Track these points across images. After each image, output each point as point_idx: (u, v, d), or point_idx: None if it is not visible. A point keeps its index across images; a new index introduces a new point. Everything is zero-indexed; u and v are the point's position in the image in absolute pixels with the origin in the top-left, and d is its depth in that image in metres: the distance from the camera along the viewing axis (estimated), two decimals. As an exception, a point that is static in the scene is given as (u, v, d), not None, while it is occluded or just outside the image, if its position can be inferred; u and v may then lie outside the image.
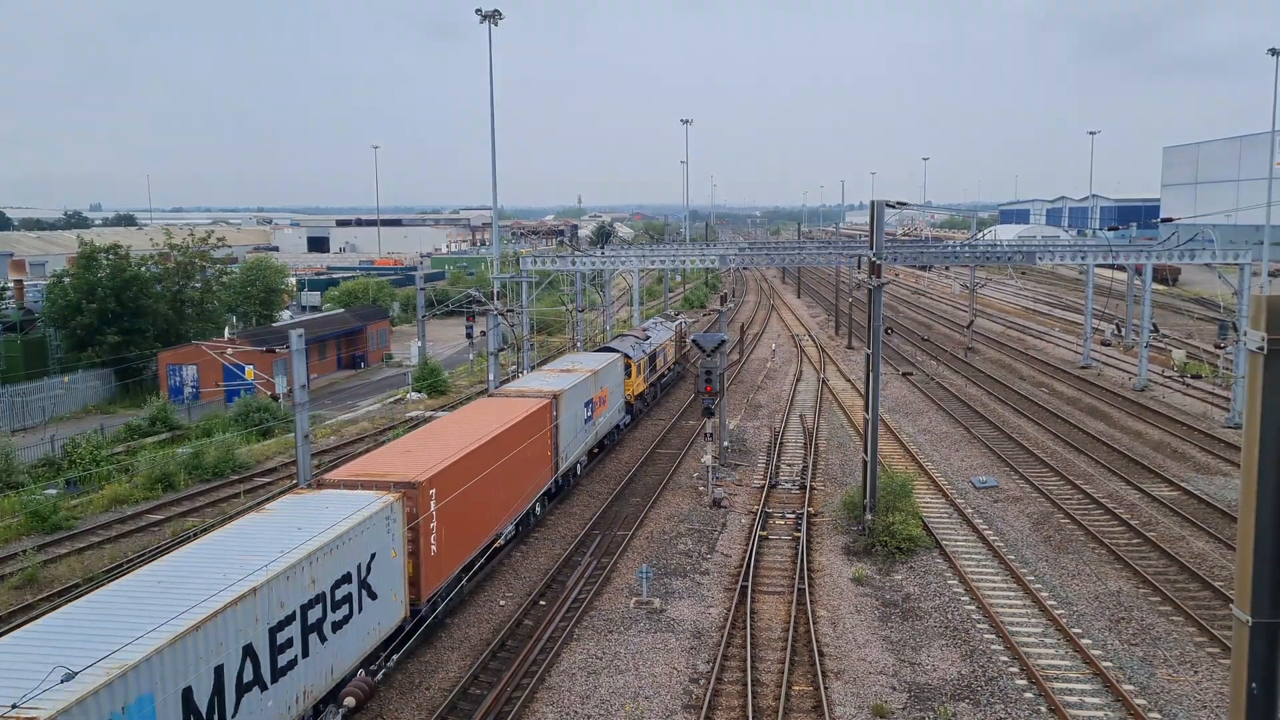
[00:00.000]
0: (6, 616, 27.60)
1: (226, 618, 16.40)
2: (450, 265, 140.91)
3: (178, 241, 69.61)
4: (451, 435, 29.17)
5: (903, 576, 30.07)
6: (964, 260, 71.95)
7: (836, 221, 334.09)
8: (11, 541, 34.26)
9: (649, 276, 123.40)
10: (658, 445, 46.67)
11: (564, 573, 30.61)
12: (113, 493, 39.13)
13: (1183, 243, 59.44)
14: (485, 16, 57.64)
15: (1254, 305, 9.12)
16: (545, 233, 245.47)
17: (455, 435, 29.07)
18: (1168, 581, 28.97)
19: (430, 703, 22.52)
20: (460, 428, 30.39)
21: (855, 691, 22.82)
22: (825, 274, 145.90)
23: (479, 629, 26.54)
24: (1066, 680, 23.25)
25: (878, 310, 32.91)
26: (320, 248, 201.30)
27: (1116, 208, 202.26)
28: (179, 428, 50.62)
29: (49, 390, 56.99)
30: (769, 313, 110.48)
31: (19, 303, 71.02)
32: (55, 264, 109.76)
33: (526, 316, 55.28)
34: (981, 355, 72.60)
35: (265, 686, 17.59)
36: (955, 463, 43.15)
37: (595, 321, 75.18)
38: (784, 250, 74.96)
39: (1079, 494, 37.84)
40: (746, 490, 39.47)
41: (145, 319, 62.29)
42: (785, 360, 73.67)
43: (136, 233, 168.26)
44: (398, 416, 54.33)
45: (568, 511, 36.78)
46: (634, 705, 22.18)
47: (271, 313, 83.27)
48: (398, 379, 67.61)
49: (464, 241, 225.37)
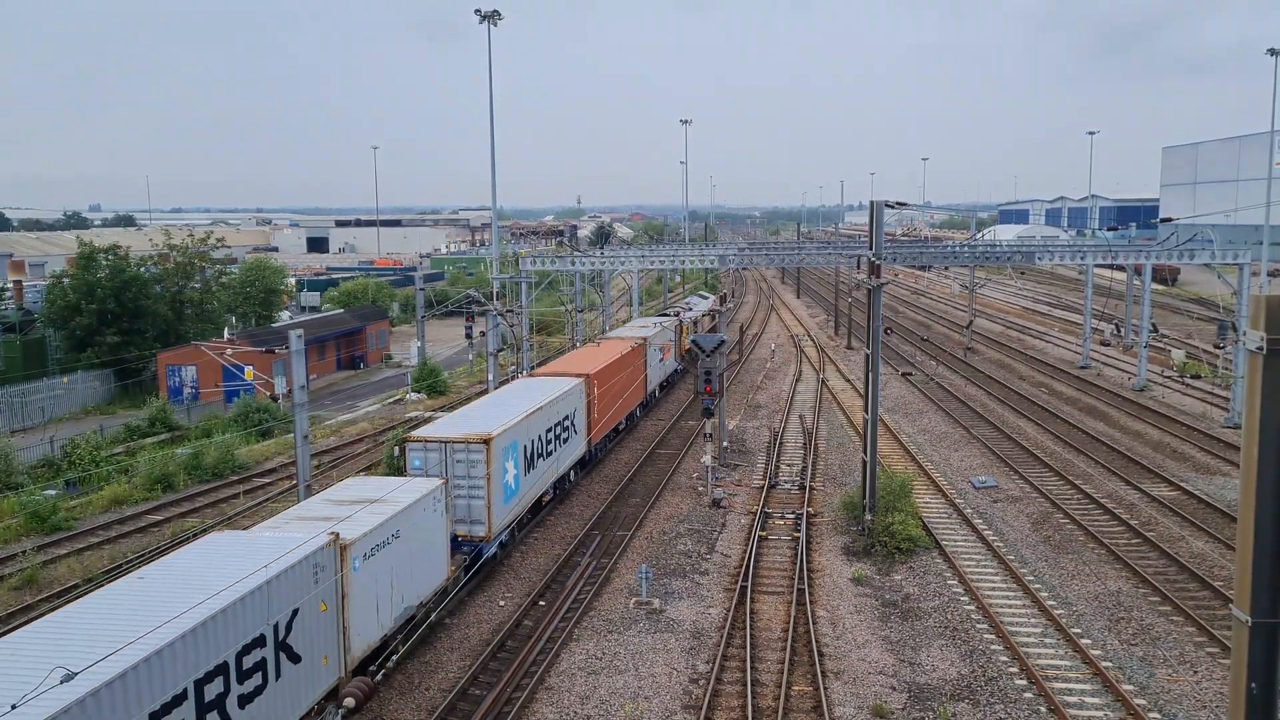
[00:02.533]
0: (6, 617, 27.60)
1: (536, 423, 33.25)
2: (449, 266, 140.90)
3: (177, 242, 69.61)
4: (596, 355, 46.16)
5: (902, 577, 30.07)
6: (963, 260, 71.93)
7: (836, 222, 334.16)
8: (11, 542, 34.25)
9: (648, 277, 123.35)
10: (657, 445, 46.67)
11: (564, 573, 30.61)
12: (112, 493, 39.14)
13: (1182, 243, 59.42)
14: (484, 17, 57.59)
15: (1253, 305, 9.13)
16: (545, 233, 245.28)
17: (598, 355, 46.12)
18: (1167, 581, 28.98)
19: (430, 703, 22.51)
20: (598, 352, 47.52)
21: (855, 692, 22.82)
22: (825, 274, 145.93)
23: (479, 629, 26.53)
24: (1066, 680, 23.26)
25: (877, 310, 32.91)
26: (319, 248, 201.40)
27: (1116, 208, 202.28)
28: (178, 428, 50.62)
29: (48, 391, 56.97)
30: (768, 313, 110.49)
31: (18, 303, 71.02)
32: (55, 265, 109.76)
33: (526, 317, 55.23)
34: (981, 355, 72.62)
35: (542, 460, 34.18)
36: (955, 463, 43.15)
37: (595, 322, 75.13)
38: (783, 250, 74.87)
39: (1078, 494, 37.84)
40: (746, 490, 39.47)
41: (145, 320, 62.29)
42: (785, 360, 73.67)
43: (136, 233, 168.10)
44: (397, 417, 54.32)
45: (567, 512, 36.79)
46: (633, 706, 22.17)
47: (271, 313, 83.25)
48: (397, 379, 67.60)
49: (463, 242, 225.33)
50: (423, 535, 24.38)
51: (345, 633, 20.62)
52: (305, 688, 19.10)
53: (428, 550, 24.78)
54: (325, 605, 19.79)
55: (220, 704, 16.44)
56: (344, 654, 20.65)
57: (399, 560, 23.00)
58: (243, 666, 17.04)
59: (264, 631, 17.64)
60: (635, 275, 75.08)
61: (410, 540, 23.56)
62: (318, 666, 19.57)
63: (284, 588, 18.19)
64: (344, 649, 20.60)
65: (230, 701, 16.69)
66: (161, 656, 14.97)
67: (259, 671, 17.52)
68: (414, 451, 29.51)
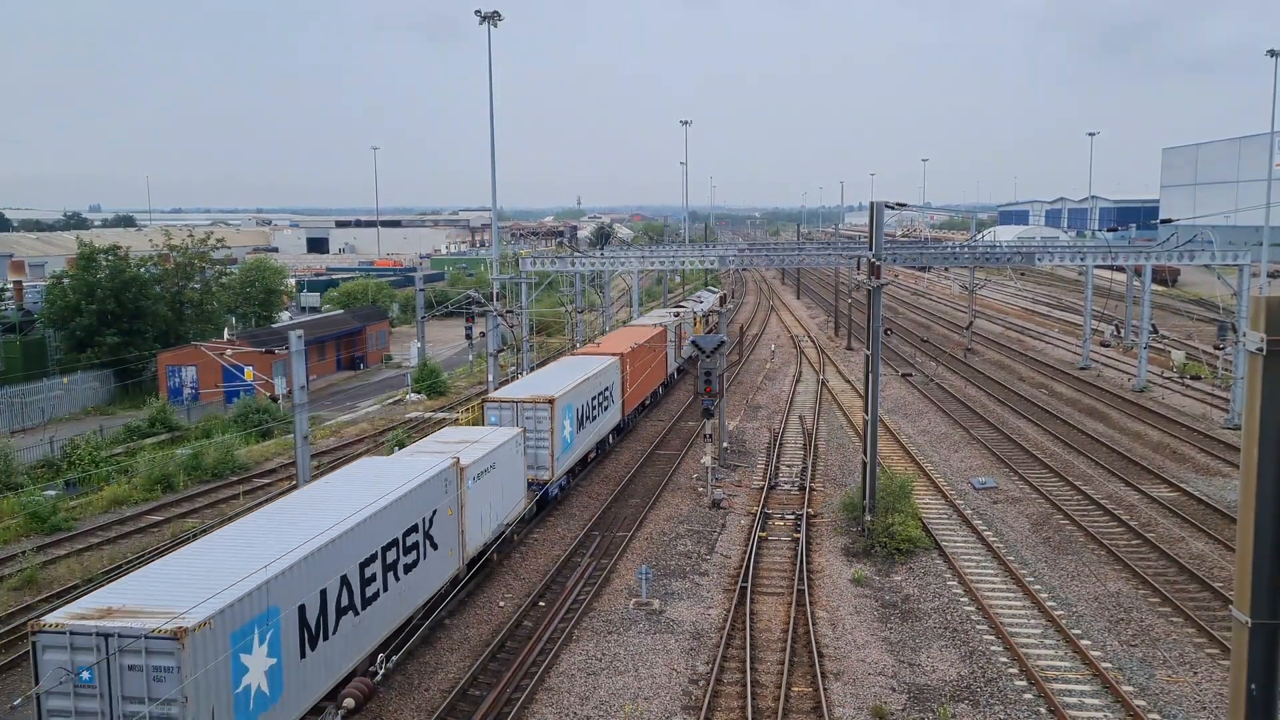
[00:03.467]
0: (5, 618, 27.60)
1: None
2: (449, 266, 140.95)
3: (177, 242, 69.63)
4: (627, 337, 52.92)
5: (902, 577, 30.07)
6: (963, 261, 71.91)
7: (836, 222, 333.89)
8: (11, 543, 34.24)
9: (648, 277, 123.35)
10: (657, 446, 46.67)
11: (563, 574, 30.60)
12: (112, 494, 39.15)
13: (1182, 244, 59.40)
14: (485, 18, 57.61)
15: (1253, 306, 9.13)
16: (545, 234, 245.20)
17: (629, 337, 52.89)
18: (1167, 582, 28.97)
19: (429, 704, 22.51)
20: (629, 334, 55.13)
21: (855, 692, 22.82)
22: (824, 275, 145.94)
23: (478, 630, 26.53)
24: (1066, 681, 23.25)
25: (877, 311, 32.91)
26: (319, 249, 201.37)
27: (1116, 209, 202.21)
28: (178, 429, 50.62)
29: (48, 391, 56.97)
30: (768, 314, 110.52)
31: (18, 304, 71.02)
32: (54, 265, 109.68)
33: (526, 317, 55.23)
34: (981, 356, 72.62)
35: (589, 422, 39.96)
36: (954, 464, 43.15)
37: (595, 323, 75.14)
38: (783, 251, 74.85)
39: (1078, 495, 37.83)
40: (746, 491, 39.47)
41: (144, 320, 62.30)
42: (784, 361, 73.68)
43: (136, 234, 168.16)
44: (397, 418, 54.31)
45: (567, 513, 36.78)
46: (633, 706, 22.17)
47: (271, 314, 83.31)
48: (397, 380, 67.60)
49: (463, 242, 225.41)
50: (509, 470, 30.76)
51: (463, 534, 26.93)
52: (439, 569, 25.48)
53: (514, 482, 31.32)
54: (451, 510, 25.98)
55: (394, 567, 22.80)
56: (462, 549, 26.89)
57: (494, 487, 29.29)
58: (405, 544, 23.35)
59: (417, 522, 23.99)
60: (635, 276, 75.09)
61: (501, 472, 29.82)
62: (446, 555, 25.86)
63: (427, 492, 24.50)
64: (462, 546, 26.92)
65: (399, 567, 23.01)
66: (364, 525, 21.22)
67: (415, 550, 23.92)
68: (491, 409, 35.75)
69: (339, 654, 20.30)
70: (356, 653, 21.09)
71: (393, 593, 22.65)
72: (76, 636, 15.58)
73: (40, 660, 15.75)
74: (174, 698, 15.21)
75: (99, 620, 15.74)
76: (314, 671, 19.37)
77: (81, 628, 15.60)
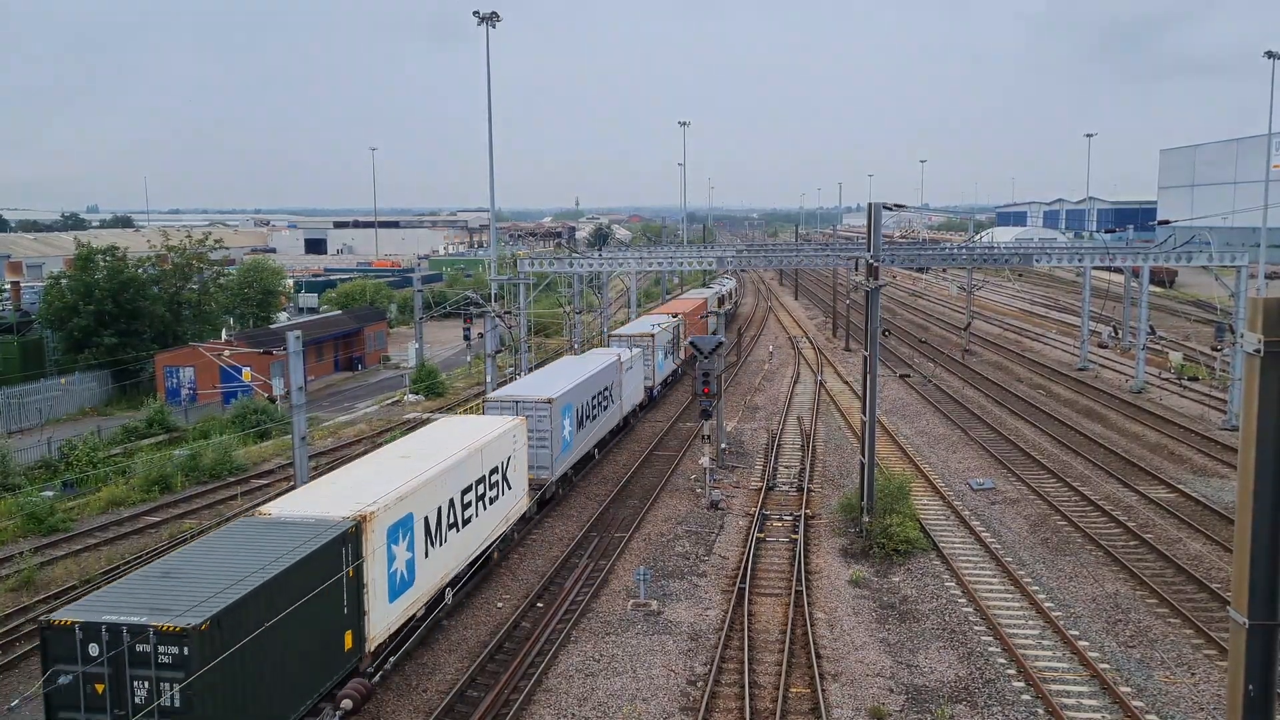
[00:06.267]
0: (3, 619, 27.56)
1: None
2: (448, 267, 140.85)
3: (175, 243, 69.57)
4: (682, 305, 66.41)
5: (900, 578, 30.08)
6: (961, 262, 71.98)
7: (834, 223, 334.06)
8: (8, 543, 34.18)
9: (646, 278, 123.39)
10: (655, 447, 46.67)
11: (561, 575, 30.59)
12: (110, 494, 39.08)
13: (1180, 245, 59.50)
14: (483, 19, 57.62)
15: (1251, 308, 9.14)
16: (543, 234, 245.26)
17: (682, 306, 67.19)
18: (1165, 584, 28.99)
19: (427, 705, 22.49)
20: (681, 304, 71.95)
21: (853, 694, 22.82)
22: (823, 276, 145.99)
23: (476, 631, 26.52)
24: (1064, 682, 23.26)
25: (875, 312, 32.92)
26: (317, 249, 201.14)
27: (1114, 210, 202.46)
28: (176, 429, 50.56)
29: (46, 392, 56.91)
30: (767, 314, 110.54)
31: (16, 304, 70.96)
32: (52, 266, 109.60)
33: (524, 318, 55.20)
34: (978, 357, 72.66)
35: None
36: (952, 465, 43.17)
37: (593, 324, 75.15)
38: (782, 252, 74.82)
39: (1076, 496, 37.85)
40: (744, 492, 39.47)
41: (142, 321, 62.24)
42: (783, 362, 73.69)
43: (134, 234, 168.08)
44: (395, 418, 54.29)
45: (565, 514, 36.78)
46: (631, 707, 22.17)
47: (269, 314, 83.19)
48: (395, 381, 67.56)
49: (461, 243, 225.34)
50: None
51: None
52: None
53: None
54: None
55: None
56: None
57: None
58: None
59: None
60: (633, 277, 75.07)
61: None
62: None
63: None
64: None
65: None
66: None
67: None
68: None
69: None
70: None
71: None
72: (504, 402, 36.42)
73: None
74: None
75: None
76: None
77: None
